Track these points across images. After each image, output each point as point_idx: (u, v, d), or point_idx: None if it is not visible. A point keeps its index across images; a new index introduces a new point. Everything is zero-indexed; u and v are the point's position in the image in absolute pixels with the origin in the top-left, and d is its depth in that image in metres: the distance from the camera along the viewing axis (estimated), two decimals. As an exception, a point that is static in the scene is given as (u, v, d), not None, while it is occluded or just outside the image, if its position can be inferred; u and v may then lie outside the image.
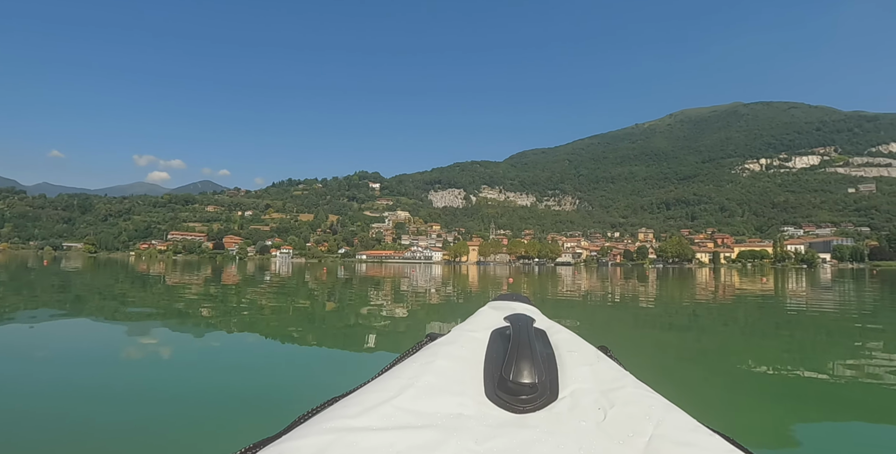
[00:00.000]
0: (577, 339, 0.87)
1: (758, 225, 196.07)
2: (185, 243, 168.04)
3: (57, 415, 3.45)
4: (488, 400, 0.63)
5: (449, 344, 0.81)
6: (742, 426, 3.52)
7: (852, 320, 10.16)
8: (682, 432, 0.56)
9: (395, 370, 0.73)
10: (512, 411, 0.61)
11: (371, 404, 0.59)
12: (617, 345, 1.03)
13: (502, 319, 0.92)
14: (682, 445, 0.52)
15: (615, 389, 0.66)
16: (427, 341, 0.88)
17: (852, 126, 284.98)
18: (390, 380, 0.67)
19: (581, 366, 0.74)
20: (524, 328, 0.80)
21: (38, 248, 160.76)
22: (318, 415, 0.61)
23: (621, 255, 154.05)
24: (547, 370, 0.69)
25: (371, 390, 0.64)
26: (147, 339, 6.64)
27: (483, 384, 0.67)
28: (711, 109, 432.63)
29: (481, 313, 1.04)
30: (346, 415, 0.56)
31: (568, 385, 0.67)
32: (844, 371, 5.26)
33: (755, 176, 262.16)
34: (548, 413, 0.60)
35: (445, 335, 0.89)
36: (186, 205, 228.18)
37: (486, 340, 0.83)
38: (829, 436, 3.49)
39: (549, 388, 0.65)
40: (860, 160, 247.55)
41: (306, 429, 0.55)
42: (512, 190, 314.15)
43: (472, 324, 0.95)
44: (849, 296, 17.00)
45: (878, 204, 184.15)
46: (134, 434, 3.13)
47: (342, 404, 0.62)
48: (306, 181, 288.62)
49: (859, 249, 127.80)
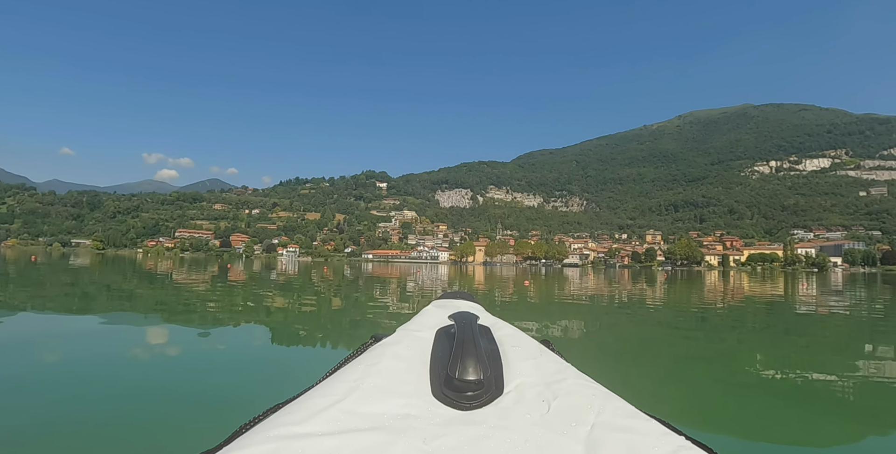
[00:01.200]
0: (520, 335, 0.89)
1: (767, 228, 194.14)
2: (192, 241, 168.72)
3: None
4: (435, 399, 0.63)
5: (394, 344, 0.81)
6: (677, 410, 3.85)
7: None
8: (622, 418, 0.58)
9: (340, 373, 0.72)
10: (459, 408, 0.61)
11: (316, 409, 0.58)
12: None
13: (447, 318, 0.92)
14: (621, 431, 0.54)
15: (558, 381, 0.68)
16: (372, 342, 0.87)
17: (864, 129, 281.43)
18: (335, 383, 0.66)
19: (525, 360, 0.75)
20: (468, 325, 0.80)
21: (47, 245, 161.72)
22: (261, 422, 0.59)
23: (629, 257, 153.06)
24: (492, 366, 0.69)
25: (316, 394, 0.63)
26: (82, 338, 6.34)
27: (430, 383, 0.67)
28: (721, 111, 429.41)
29: (426, 312, 1.04)
30: (291, 422, 0.55)
31: (513, 379, 0.68)
32: (788, 366, 5.86)
33: (765, 178, 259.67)
34: (494, 408, 0.61)
35: (390, 335, 0.88)
36: (194, 203, 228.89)
37: (432, 339, 0.83)
38: (755, 415, 3.81)
39: (494, 384, 0.66)
40: (872, 163, 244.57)
41: (250, 438, 0.53)
42: (519, 190, 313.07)
43: (416, 323, 0.95)
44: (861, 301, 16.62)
45: (889, 207, 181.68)
46: (63, 440, 2.93)
47: (287, 410, 0.60)
48: (313, 180, 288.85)
49: (871, 253, 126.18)
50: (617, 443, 0.52)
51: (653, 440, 0.53)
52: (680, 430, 0.57)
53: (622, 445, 0.52)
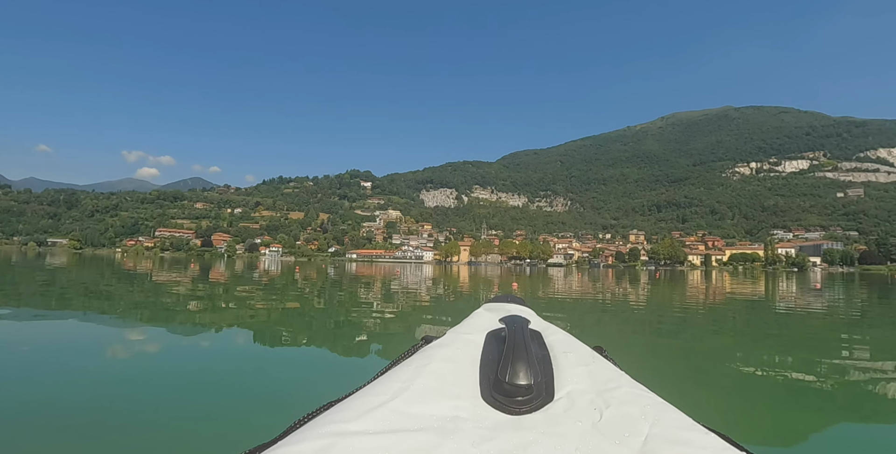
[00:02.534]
0: (572, 340, 0.87)
1: (748, 228, 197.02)
2: (172, 240, 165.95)
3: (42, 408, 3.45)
4: (484, 402, 0.63)
5: (444, 346, 0.81)
6: (737, 424, 3.70)
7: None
8: (678, 431, 0.56)
9: (391, 373, 0.72)
10: (508, 413, 0.61)
11: (367, 408, 0.59)
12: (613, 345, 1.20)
13: (497, 321, 0.92)
14: (677, 444, 0.53)
15: (611, 389, 0.66)
16: (422, 344, 0.88)
17: (841, 131, 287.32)
18: (386, 383, 0.67)
19: (577, 366, 0.74)
20: (519, 329, 0.80)
21: (22, 244, 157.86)
22: (313, 419, 0.60)
23: (613, 257, 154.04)
24: (542, 371, 0.69)
25: (367, 394, 0.64)
26: (134, 342, 6.44)
27: (479, 386, 0.67)
28: (703, 113, 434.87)
29: (476, 315, 1.03)
30: (342, 420, 0.56)
31: (564, 386, 0.67)
32: (835, 371, 5.50)
33: (745, 179, 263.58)
34: (544, 414, 0.60)
35: (441, 338, 0.88)
36: (175, 201, 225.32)
37: (482, 342, 0.82)
38: (822, 434, 3.64)
39: (544, 390, 0.65)
40: (849, 165, 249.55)
41: (302, 434, 0.54)
42: (504, 190, 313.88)
43: (466, 326, 0.95)
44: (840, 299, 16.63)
45: (866, 208, 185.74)
46: (128, 441, 3.02)
47: (338, 408, 0.61)
48: (297, 179, 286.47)
49: (849, 253, 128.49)
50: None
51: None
52: (741, 445, 0.56)
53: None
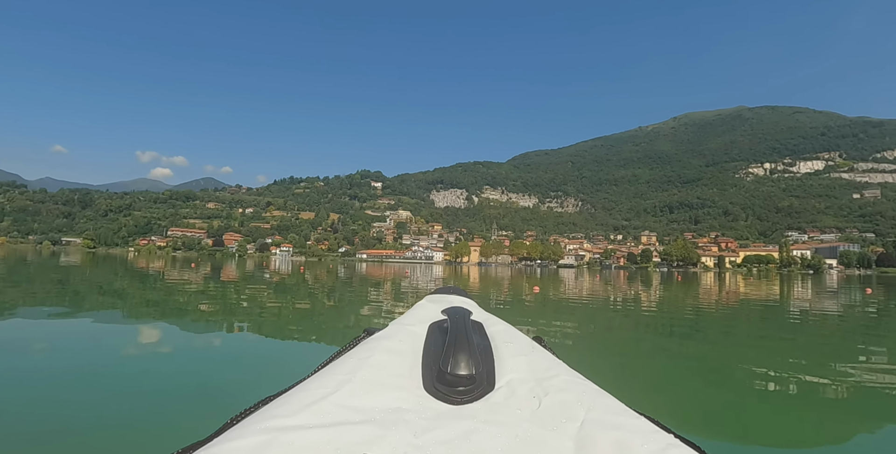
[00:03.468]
0: (513, 331, 0.89)
1: (761, 229, 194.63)
2: (184, 240, 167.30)
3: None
4: (427, 393, 0.63)
5: (387, 338, 0.81)
6: (666, 409, 3.96)
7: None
8: (611, 416, 0.58)
9: (332, 366, 0.72)
10: (450, 403, 0.61)
11: (308, 401, 0.58)
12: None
13: (440, 312, 0.93)
14: (610, 428, 0.54)
15: (549, 378, 0.68)
16: (364, 336, 0.87)
17: (857, 131, 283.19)
18: (327, 376, 0.67)
19: (517, 356, 0.75)
20: (461, 320, 0.81)
21: (37, 243, 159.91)
22: (252, 414, 0.59)
23: (625, 258, 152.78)
24: (484, 361, 0.69)
25: (307, 387, 0.63)
26: (75, 335, 6.37)
27: (422, 377, 0.67)
28: (716, 113, 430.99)
29: (419, 307, 1.04)
30: (282, 414, 0.55)
31: (504, 375, 0.68)
32: (771, 366, 5.76)
33: (759, 180, 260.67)
34: (485, 403, 0.61)
35: (383, 329, 0.88)
36: (187, 201, 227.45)
37: (425, 334, 0.83)
38: (743, 415, 3.88)
39: (486, 379, 0.66)
40: (865, 166, 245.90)
41: (241, 430, 0.53)
42: (514, 191, 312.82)
43: (410, 317, 0.94)
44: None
45: (883, 210, 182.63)
46: (56, 436, 2.93)
47: (278, 403, 0.61)
48: (308, 179, 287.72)
49: (866, 255, 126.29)
50: (606, 440, 0.52)
51: (642, 437, 0.53)
52: (669, 428, 0.58)
53: (611, 442, 0.52)
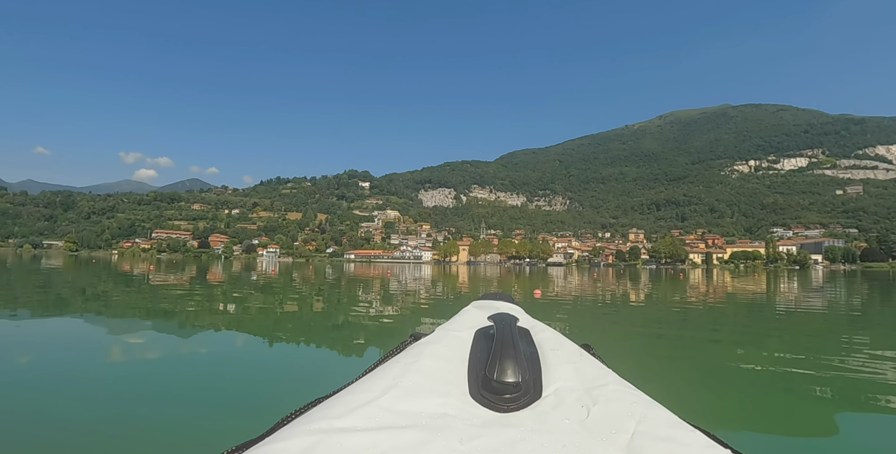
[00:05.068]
0: (560, 338, 0.87)
1: (747, 226, 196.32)
2: (169, 242, 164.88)
3: (39, 411, 3.42)
4: (472, 399, 0.63)
5: (433, 343, 0.81)
6: (723, 423, 3.73)
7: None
8: (664, 428, 0.56)
9: (380, 370, 0.72)
10: (496, 410, 0.61)
11: (355, 404, 0.59)
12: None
13: (486, 319, 0.92)
14: (663, 441, 0.53)
15: (598, 387, 0.66)
16: (411, 341, 0.88)
17: (839, 129, 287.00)
18: (374, 380, 0.67)
19: (564, 364, 0.74)
20: (508, 327, 0.80)
21: (18, 246, 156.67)
22: (302, 415, 0.60)
23: (613, 256, 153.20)
24: (531, 369, 0.69)
25: (355, 390, 0.64)
26: (131, 340, 6.50)
27: (467, 383, 0.67)
28: (701, 111, 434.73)
29: (465, 312, 1.04)
30: (330, 416, 0.56)
31: (551, 383, 0.67)
32: (827, 369, 5.35)
33: (744, 177, 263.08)
34: (532, 411, 0.60)
35: (429, 335, 0.89)
36: (172, 203, 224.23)
37: (471, 340, 0.83)
38: (808, 433, 3.61)
39: (532, 387, 0.65)
40: (847, 162, 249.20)
41: (290, 431, 0.54)
42: (502, 190, 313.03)
43: (455, 323, 0.95)
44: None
45: (865, 205, 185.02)
46: (116, 433, 3.07)
47: (326, 405, 0.61)
48: (295, 179, 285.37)
49: (851, 251, 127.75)
50: (659, 453, 0.51)
51: (696, 451, 0.51)
52: (726, 443, 0.56)
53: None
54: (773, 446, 3.26)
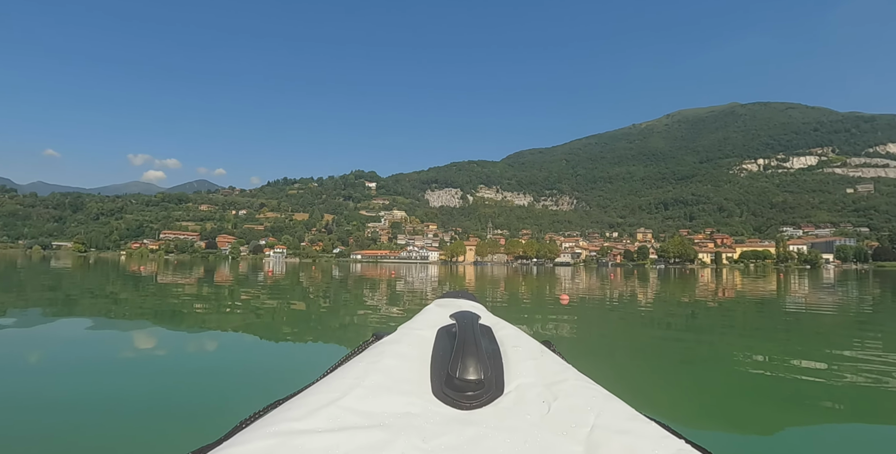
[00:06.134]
0: (521, 335, 0.88)
1: (756, 225, 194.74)
2: (177, 242, 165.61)
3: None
4: (435, 397, 0.63)
5: (395, 342, 0.81)
6: (677, 413, 3.88)
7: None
8: (621, 421, 0.58)
9: (341, 370, 0.72)
10: (459, 408, 0.61)
11: (316, 406, 0.58)
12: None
13: (448, 317, 0.92)
14: (620, 433, 0.54)
15: (558, 382, 0.67)
16: (373, 340, 0.87)
17: (849, 127, 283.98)
18: (336, 380, 0.66)
19: (525, 360, 0.74)
20: (470, 325, 0.80)
21: (27, 248, 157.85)
22: (261, 418, 0.59)
23: (621, 255, 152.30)
24: (492, 366, 0.69)
25: (316, 391, 0.63)
26: (76, 341, 6.19)
27: (430, 382, 0.67)
28: (709, 110, 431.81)
29: (427, 311, 1.04)
30: (290, 418, 0.55)
31: (513, 380, 0.68)
32: (782, 366, 5.51)
33: (753, 176, 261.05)
34: (494, 408, 0.61)
35: (391, 334, 0.88)
36: (180, 204, 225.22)
37: (433, 338, 0.83)
38: (761, 426, 3.65)
39: (494, 384, 0.65)
40: (858, 161, 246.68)
41: (249, 434, 0.53)
42: (509, 189, 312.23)
43: (418, 322, 0.94)
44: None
45: (876, 204, 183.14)
46: (61, 444, 2.91)
47: (286, 407, 0.60)
48: (302, 180, 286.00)
49: (862, 250, 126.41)
50: (616, 445, 0.52)
51: (652, 443, 0.53)
52: (680, 433, 0.58)
53: (622, 447, 0.52)
54: (725, 435, 3.35)
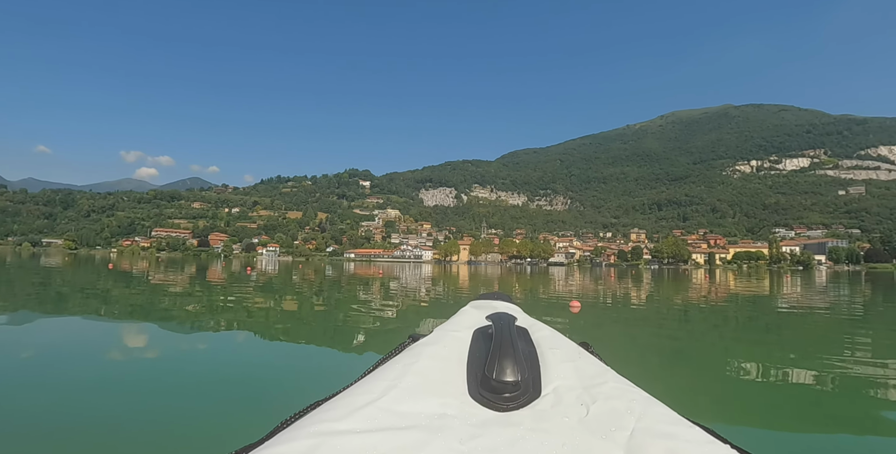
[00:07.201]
0: (558, 336, 0.88)
1: (749, 226, 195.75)
2: (169, 240, 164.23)
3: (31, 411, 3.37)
4: (472, 399, 0.63)
5: (432, 344, 0.81)
6: (723, 419, 3.70)
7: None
8: (663, 425, 0.56)
9: (379, 372, 0.72)
10: (495, 410, 0.61)
11: (355, 407, 0.59)
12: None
13: (484, 318, 0.93)
14: (662, 437, 0.53)
15: (597, 385, 0.66)
16: (410, 342, 0.87)
17: (842, 129, 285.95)
18: (374, 381, 0.67)
19: (563, 362, 0.74)
20: (506, 326, 0.80)
21: (16, 245, 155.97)
22: (301, 419, 0.60)
23: (615, 256, 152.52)
24: (529, 368, 0.69)
25: (355, 392, 0.64)
26: (122, 341, 6.29)
27: (466, 383, 0.67)
28: (702, 111, 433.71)
29: (463, 313, 1.04)
30: (329, 419, 0.56)
31: (550, 382, 0.67)
32: (828, 373, 5.23)
33: (746, 177, 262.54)
34: (531, 410, 0.61)
35: (428, 336, 0.88)
36: (172, 201, 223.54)
37: (469, 340, 0.83)
38: (808, 427, 3.59)
39: (531, 386, 0.65)
40: (850, 163, 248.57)
41: (290, 434, 0.54)
42: (503, 189, 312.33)
43: (454, 323, 0.94)
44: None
45: (868, 206, 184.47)
46: (112, 445, 2.93)
47: (326, 407, 0.61)
48: (295, 178, 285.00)
49: (854, 251, 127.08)
50: (659, 450, 0.51)
51: (697, 447, 0.51)
52: (725, 438, 0.56)
53: (664, 452, 0.51)
54: (772, 441, 3.22)
